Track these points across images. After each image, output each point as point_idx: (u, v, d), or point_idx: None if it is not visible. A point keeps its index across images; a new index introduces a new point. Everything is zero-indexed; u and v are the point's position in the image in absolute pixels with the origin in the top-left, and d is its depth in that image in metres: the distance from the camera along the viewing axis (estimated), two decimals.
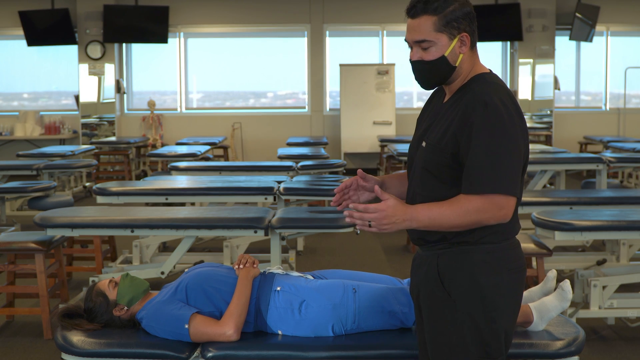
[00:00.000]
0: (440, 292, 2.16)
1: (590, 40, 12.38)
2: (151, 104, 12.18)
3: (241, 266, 2.92)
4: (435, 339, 2.21)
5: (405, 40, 2.19)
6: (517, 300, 2.21)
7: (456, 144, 2.10)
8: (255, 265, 2.94)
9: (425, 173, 2.19)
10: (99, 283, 3.01)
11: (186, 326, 2.75)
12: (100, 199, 5.20)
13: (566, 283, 2.78)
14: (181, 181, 5.72)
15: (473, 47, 2.18)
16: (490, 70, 2.23)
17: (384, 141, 10.54)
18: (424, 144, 2.20)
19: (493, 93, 2.09)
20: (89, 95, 12.18)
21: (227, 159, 11.40)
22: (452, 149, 2.11)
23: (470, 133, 2.07)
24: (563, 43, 12.58)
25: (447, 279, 2.15)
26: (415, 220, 2.08)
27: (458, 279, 2.14)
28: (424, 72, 2.18)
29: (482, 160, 2.05)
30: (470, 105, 2.09)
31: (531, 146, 8.92)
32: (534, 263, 4.46)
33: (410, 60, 2.20)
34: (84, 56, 12.04)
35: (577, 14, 12.02)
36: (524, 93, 12.43)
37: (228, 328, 2.75)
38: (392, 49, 12.66)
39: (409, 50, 2.20)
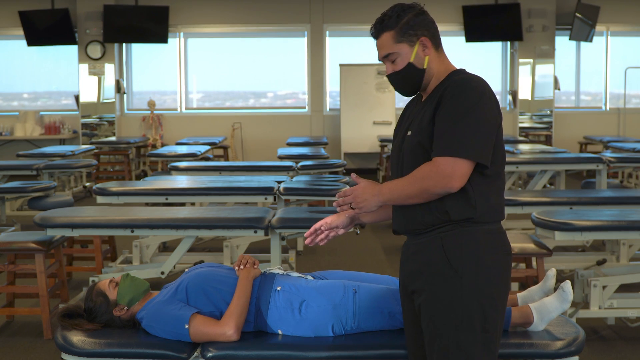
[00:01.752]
0: (448, 270, 2.24)
1: (590, 40, 12.38)
2: (151, 104, 12.18)
3: (241, 267, 2.92)
4: (439, 318, 2.26)
5: (379, 60, 2.40)
6: (509, 282, 2.34)
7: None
8: (255, 266, 2.94)
9: (414, 155, 2.29)
10: (99, 283, 3.01)
11: (186, 326, 2.75)
12: (100, 199, 5.19)
13: (567, 284, 2.78)
14: (181, 181, 5.72)
15: (438, 48, 2.35)
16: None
17: (384, 141, 10.54)
18: (409, 133, 2.34)
19: (471, 78, 2.26)
20: (89, 95, 12.19)
21: (227, 159, 11.40)
22: (433, 127, 2.25)
23: (442, 107, 2.23)
24: (563, 43, 12.58)
25: (455, 258, 2.24)
26: (382, 194, 2.25)
27: (465, 257, 2.24)
28: (399, 81, 2.36)
29: (441, 127, 2.20)
30: (447, 89, 2.24)
31: (531, 146, 8.94)
32: (534, 263, 4.46)
33: (386, 75, 2.41)
34: (84, 56, 12.04)
35: (577, 14, 12.02)
36: (524, 93, 12.44)
37: (228, 328, 2.75)
38: None
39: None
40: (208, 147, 9.22)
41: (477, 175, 2.22)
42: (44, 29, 11.91)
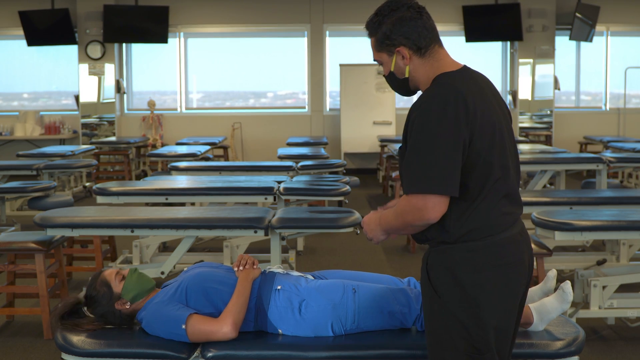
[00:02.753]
0: (429, 289, 2.23)
1: (590, 40, 12.38)
2: (151, 104, 12.18)
3: (241, 267, 2.91)
4: (428, 334, 2.28)
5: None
6: (507, 295, 2.21)
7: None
8: (255, 266, 2.94)
9: (401, 175, 2.29)
10: (105, 272, 2.98)
11: (183, 326, 2.74)
12: (100, 199, 5.19)
13: (567, 284, 2.78)
14: (181, 181, 5.72)
15: (424, 54, 2.24)
16: (463, 66, 2.26)
17: (384, 141, 10.54)
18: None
19: (433, 95, 2.14)
20: (89, 95, 12.18)
21: (227, 159, 11.40)
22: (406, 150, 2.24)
23: (407, 132, 2.21)
24: (563, 43, 12.58)
25: (433, 277, 2.22)
26: (381, 224, 2.30)
27: (441, 277, 2.20)
28: (390, 85, 2.38)
29: (406, 163, 2.17)
30: (411, 110, 2.20)
31: (531, 146, 8.93)
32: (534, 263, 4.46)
33: None
34: (84, 56, 12.04)
35: (577, 14, 12.02)
36: (524, 93, 12.44)
37: (225, 325, 2.74)
38: None
39: None
40: (208, 147, 9.22)
41: (452, 200, 2.13)
42: (44, 29, 11.90)
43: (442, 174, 2.08)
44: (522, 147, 8.64)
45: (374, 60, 2.36)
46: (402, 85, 2.33)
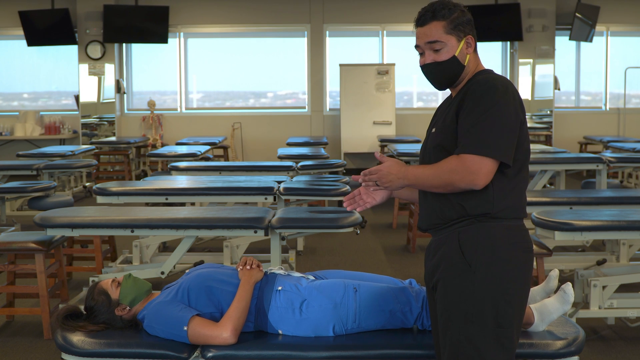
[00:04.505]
0: (461, 263, 2.28)
1: (590, 40, 12.38)
2: (151, 104, 12.18)
3: (247, 267, 2.91)
4: (450, 310, 2.30)
5: (416, 46, 2.40)
6: (528, 279, 2.34)
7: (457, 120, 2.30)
8: (260, 269, 2.93)
9: (437, 152, 2.34)
10: (101, 282, 3.00)
11: (185, 328, 2.74)
12: (100, 199, 5.19)
13: (568, 286, 2.79)
14: (181, 181, 5.72)
15: (475, 50, 2.41)
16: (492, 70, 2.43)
17: (384, 141, 10.53)
18: (433, 130, 2.39)
19: (495, 78, 2.32)
20: (89, 95, 12.18)
21: (227, 159, 11.40)
22: (456, 125, 2.29)
23: (465, 105, 2.27)
24: (563, 43, 12.58)
25: (469, 251, 2.27)
26: (406, 178, 2.28)
27: (480, 251, 2.27)
28: (438, 72, 2.38)
29: (466, 124, 2.24)
30: (470, 88, 2.29)
31: (531, 146, 8.93)
32: (534, 263, 4.45)
33: (422, 65, 2.39)
34: (84, 56, 12.04)
35: (577, 14, 12.02)
36: (524, 93, 12.42)
37: (225, 330, 2.74)
38: (392, 49, 12.66)
39: (419, 57, 2.41)
40: (208, 147, 9.22)
41: (497, 172, 2.26)
42: (44, 29, 11.90)
43: (501, 142, 2.21)
44: None
45: (428, 42, 2.35)
46: (452, 73, 2.36)
